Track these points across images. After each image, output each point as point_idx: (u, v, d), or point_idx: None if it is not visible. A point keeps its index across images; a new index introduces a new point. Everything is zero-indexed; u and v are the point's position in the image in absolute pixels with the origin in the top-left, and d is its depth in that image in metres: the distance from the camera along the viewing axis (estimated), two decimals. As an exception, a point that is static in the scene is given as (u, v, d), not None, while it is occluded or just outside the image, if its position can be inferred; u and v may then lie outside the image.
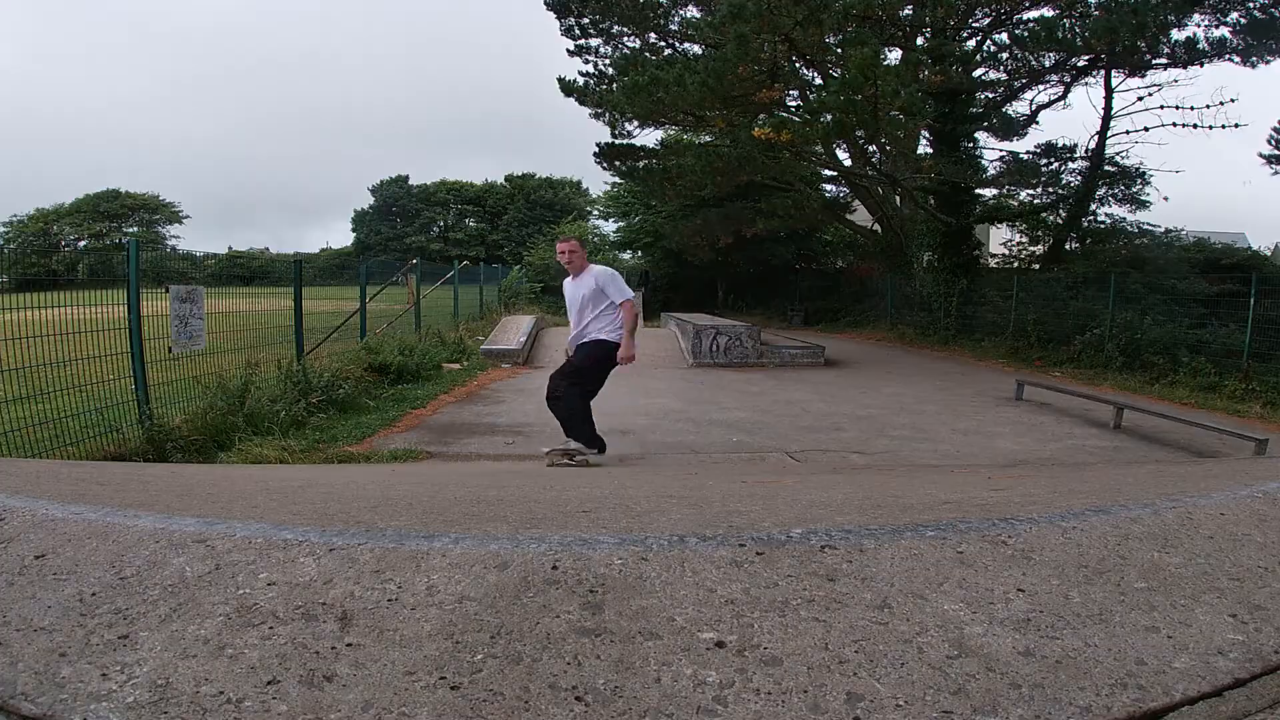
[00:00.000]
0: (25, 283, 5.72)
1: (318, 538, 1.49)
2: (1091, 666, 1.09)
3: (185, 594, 1.28)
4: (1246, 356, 9.89)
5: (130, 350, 5.23)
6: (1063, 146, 16.61)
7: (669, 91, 14.04)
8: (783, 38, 13.55)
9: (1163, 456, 5.88)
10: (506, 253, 42.76)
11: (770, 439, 6.19)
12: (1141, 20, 12.19)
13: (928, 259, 17.62)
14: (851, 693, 1.03)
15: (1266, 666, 1.10)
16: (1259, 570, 1.40)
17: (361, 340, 9.58)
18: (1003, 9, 15.50)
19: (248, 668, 1.09)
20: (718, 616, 1.21)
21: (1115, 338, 11.67)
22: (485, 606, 1.24)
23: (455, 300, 16.26)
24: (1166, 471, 3.36)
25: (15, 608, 1.25)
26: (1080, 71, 15.72)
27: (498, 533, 1.59)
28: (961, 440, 6.28)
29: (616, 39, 18.88)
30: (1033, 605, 1.25)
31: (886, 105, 12.46)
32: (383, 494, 2.47)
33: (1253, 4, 13.76)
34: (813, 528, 1.57)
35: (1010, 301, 14.50)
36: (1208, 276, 13.46)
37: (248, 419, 5.67)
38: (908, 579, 1.33)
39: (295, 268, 7.91)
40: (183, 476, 3.22)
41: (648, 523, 1.77)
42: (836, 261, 26.40)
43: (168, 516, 1.68)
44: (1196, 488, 2.07)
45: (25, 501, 1.76)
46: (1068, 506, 1.77)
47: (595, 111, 18.32)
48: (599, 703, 1.02)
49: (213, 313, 6.34)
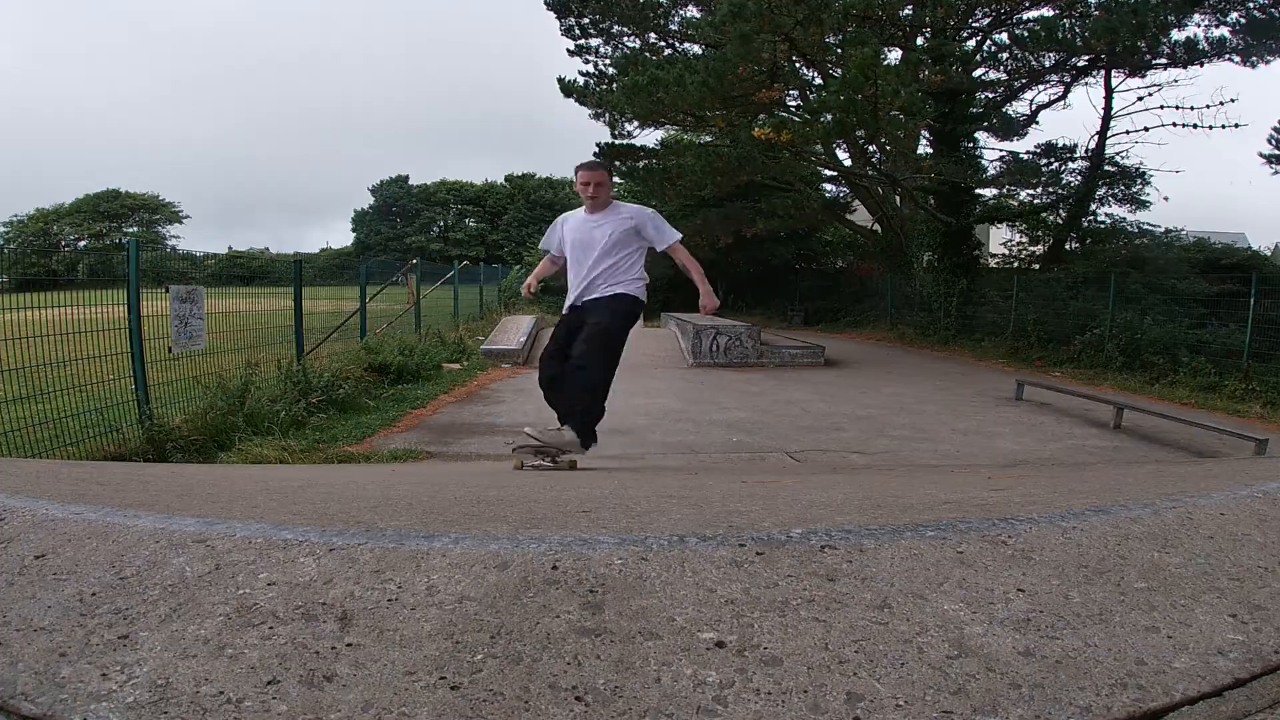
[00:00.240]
0: (25, 283, 5.72)
1: (318, 538, 1.49)
2: (1091, 666, 1.09)
3: (185, 594, 1.28)
4: (1246, 356, 9.89)
5: (130, 350, 5.24)
6: (1063, 146, 16.63)
7: (669, 91, 14.04)
8: (783, 37, 13.56)
9: (1163, 456, 5.88)
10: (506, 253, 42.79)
11: (770, 439, 6.19)
12: (1142, 20, 12.20)
13: (928, 259, 17.63)
14: (851, 693, 1.03)
15: (1266, 666, 1.10)
16: (1259, 570, 1.40)
17: (361, 341, 9.59)
18: (1003, 9, 15.50)
19: (248, 668, 1.08)
20: (718, 616, 1.21)
21: (1115, 338, 11.67)
22: (485, 606, 1.24)
23: (455, 300, 16.27)
24: (1166, 471, 3.36)
25: (15, 608, 1.25)
26: (1080, 71, 15.72)
27: (498, 533, 1.59)
28: (961, 440, 6.28)
29: (616, 39, 18.89)
30: (1033, 605, 1.25)
31: (887, 105, 12.47)
32: (383, 494, 2.47)
33: (1253, 4, 13.77)
34: (813, 528, 1.57)
35: (1010, 301, 14.51)
36: (1208, 276, 13.47)
37: (248, 419, 5.67)
38: (908, 579, 1.33)
39: (295, 268, 7.91)
40: (183, 476, 3.22)
41: (648, 523, 1.77)
42: (836, 261, 26.40)
43: (168, 516, 1.68)
44: (1196, 488, 2.07)
45: (25, 501, 1.76)
46: (1068, 506, 1.77)
47: (595, 111, 18.33)
48: (599, 703, 1.02)
49: (213, 313, 6.34)
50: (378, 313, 11.13)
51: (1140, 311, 11.75)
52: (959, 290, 15.57)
